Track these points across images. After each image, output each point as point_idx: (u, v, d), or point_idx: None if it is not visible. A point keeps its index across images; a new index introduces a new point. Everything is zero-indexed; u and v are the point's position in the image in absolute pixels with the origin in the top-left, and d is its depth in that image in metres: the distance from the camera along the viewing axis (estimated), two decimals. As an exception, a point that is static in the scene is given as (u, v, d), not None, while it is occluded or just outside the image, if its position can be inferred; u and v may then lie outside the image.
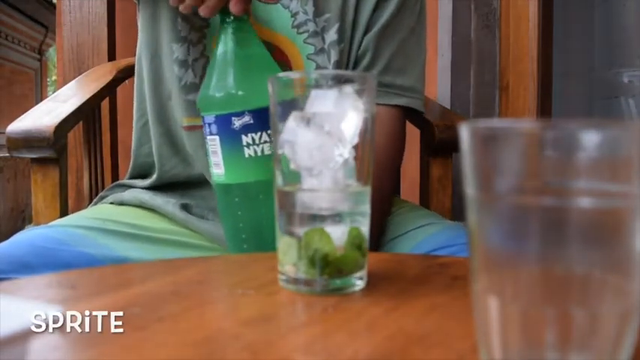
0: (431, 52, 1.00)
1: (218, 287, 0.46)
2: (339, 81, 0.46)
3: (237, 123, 0.61)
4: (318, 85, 0.46)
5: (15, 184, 3.02)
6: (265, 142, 0.62)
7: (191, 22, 0.78)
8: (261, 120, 0.61)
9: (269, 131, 0.62)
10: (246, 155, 0.62)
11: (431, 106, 1.10)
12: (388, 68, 0.83)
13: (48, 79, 3.86)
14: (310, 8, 0.80)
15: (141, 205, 0.80)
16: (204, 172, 0.79)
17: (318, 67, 0.79)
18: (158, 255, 0.69)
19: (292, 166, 0.45)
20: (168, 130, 0.82)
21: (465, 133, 0.27)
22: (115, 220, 0.72)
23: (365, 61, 0.82)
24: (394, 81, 0.83)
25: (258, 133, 0.61)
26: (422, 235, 0.73)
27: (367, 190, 0.47)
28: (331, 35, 0.80)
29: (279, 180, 0.46)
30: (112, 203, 0.82)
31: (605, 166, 0.24)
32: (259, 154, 0.62)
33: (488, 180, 0.26)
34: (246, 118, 0.60)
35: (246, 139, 0.62)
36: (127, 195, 0.82)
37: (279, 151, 0.45)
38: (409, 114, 0.87)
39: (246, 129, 0.61)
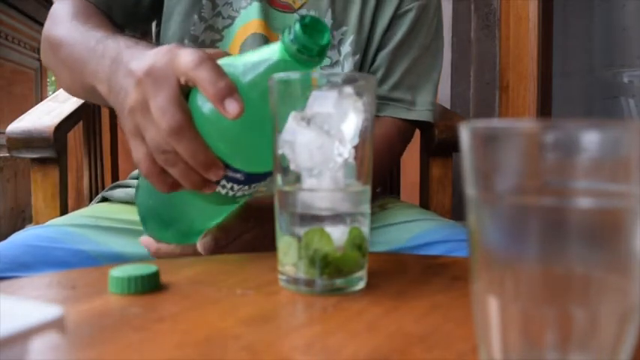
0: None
1: (218, 287, 0.46)
2: (340, 82, 0.46)
3: (229, 173, 0.53)
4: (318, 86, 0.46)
5: (15, 184, 3.02)
6: (242, 192, 0.55)
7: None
8: (252, 181, 0.54)
9: (253, 185, 0.55)
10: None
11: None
12: (399, 84, 0.85)
13: (48, 79, 3.86)
14: (328, 21, 0.80)
15: (133, 202, 0.80)
16: None
17: None
18: None
19: (292, 166, 0.45)
20: None
21: (465, 133, 0.27)
22: (109, 217, 0.73)
23: (377, 77, 0.84)
24: (404, 96, 0.85)
25: (239, 186, 0.54)
26: (419, 228, 0.73)
27: (367, 190, 0.47)
28: (346, 47, 0.81)
29: (279, 180, 0.46)
30: (105, 201, 0.82)
31: (605, 166, 0.24)
32: (224, 193, 0.55)
33: (488, 180, 0.26)
34: (238, 175, 0.53)
35: (224, 187, 0.54)
36: (121, 193, 0.82)
37: (279, 151, 0.45)
38: (416, 123, 0.89)
39: (232, 180, 0.53)
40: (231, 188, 0.54)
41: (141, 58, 0.52)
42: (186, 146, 0.49)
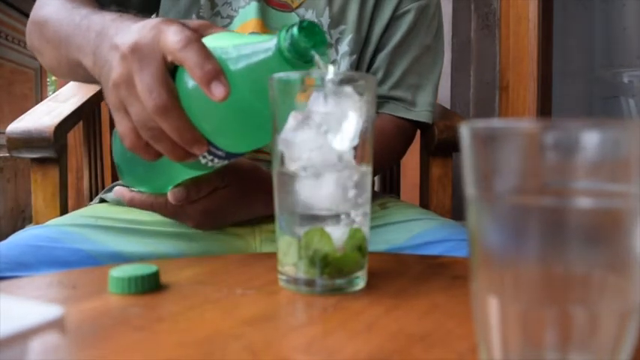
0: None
1: (218, 287, 0.46)
2: (340, 81, 0.46)
3: (211, 149, 0.54)
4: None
5: (15, 184, 3.02)
6: (220, 164, 0.57)
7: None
8: (232, 157, 0.57)
9: (232, 160, 0.58)
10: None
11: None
12: (400, 84, 0.86)
13: (48, 79, 3.86)
14: (326, 19, 0.80)
15: None
16: None
17: None
18: (151, 247, 0.69)
19: (292, 166, 0.45)
20: None
21: (465, 133, 0.27)
22: (108, 217, 0.73)
23: (377, 78, 0.84)
24: (404, 96, 0.86)
25: (219, 160, 0.56)
26: (419, 228, 0.73)
27: (367, 190, 0.47)
28: (344, 46, 0.81)
29: (278, 179, 0.46)
30: (104, 202, 0.82)
31: (605, 166, 0.24)
32: (204, 163, 0.56)
33: (488, 180, 0.26)
34: (220, 152, 0.54)
35: (204, 157, 0.55)
36: None
37: (279, 151, 0.45)
38: (416, 123, 0.90)
39: (213, 154, 0.55)
40: (211, 160, 0.56)
41: (126, 31, 0.52)
42: (171, 125, 0.49)
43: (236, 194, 0.65)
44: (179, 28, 0.49)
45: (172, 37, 0.48)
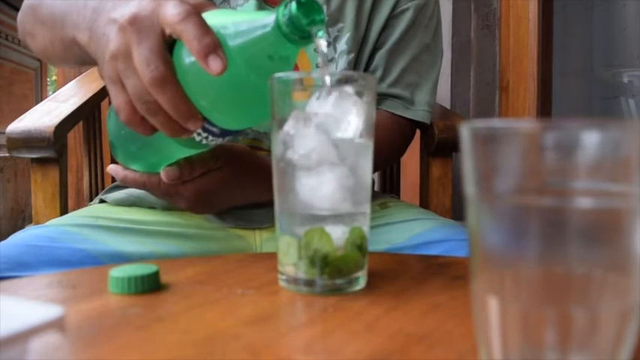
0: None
1: (218, 287, 0.46)
2: (340, 81, 0.46)
3: (206, 125, 0.54)
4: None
5: (15, 184, 3.02)
6: (215, 142, 0.57)
7: None
8: (226, 135, 0.56)
9: (227, 138, 0.57)
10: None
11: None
12: (398, 82, 0.86)
13: (48, 79, 3.86)
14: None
15: (132, 202, 0.80)
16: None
17: None
18: (151, 247, 0.69)
19: (292, 165, 0.45)
20: None
21: (465, 133, 0.27)
22: (108, 216, 0.73)
23: (376, 77, 0.84)
24: (403, 93, 0.86)
25: (214, 137, 0.56)
26: (419, 228, 0.73)
27: (367, 190, 0.47)
28: (342, 45, 0.81)
29: (278, 181, 0.46)
30: (103, 202, 0.82)
31: (605, 166, 0.24)
32: (199, 140, 0.56)
33: (488, 180, 0.26)
34: (215, 129, 0.54)
35: (199, 135, 0.55)
36: (120, 194, 0.82)
37: (279, 151, 0.45)
38: (415, 122, 0.90)
39: (208, 131, 0.55)
40: (206, 137, 0.55)
41: (124, 6, 0.52)
42: (167, 97, 0.49)
43: (230, 176, 0.65)
44: (178, 2, 0.49)
45: (171, 9, 0.49)
